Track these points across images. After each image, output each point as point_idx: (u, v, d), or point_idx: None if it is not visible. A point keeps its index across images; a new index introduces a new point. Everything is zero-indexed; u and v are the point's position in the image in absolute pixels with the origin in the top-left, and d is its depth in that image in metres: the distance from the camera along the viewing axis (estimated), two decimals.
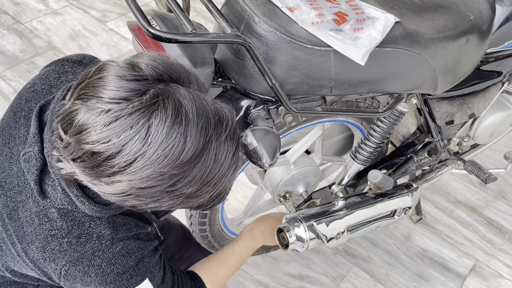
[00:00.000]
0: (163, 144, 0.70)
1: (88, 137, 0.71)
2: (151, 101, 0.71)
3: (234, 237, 1.54)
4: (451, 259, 1.82)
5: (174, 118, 0.71)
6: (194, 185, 0.76)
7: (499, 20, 1.28)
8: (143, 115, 0.70)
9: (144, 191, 0.75)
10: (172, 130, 0.71)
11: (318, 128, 1.40)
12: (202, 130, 0.73)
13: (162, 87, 0.73)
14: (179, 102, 0.72)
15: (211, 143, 0.75)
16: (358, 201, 1.32)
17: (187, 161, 0.73)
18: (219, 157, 0.77)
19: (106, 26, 2.74)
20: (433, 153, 1.59)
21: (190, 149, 0.72)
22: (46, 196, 0.86)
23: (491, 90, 1.47)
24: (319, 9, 1.00)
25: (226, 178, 0.80)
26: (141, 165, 0.71)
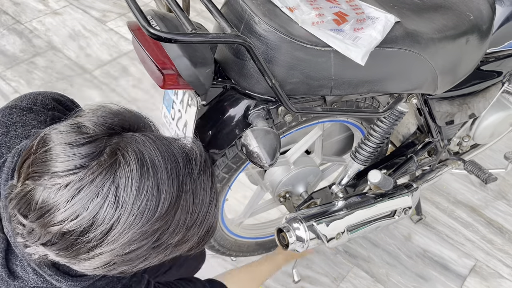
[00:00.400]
0: (137, 202, 0.65)
1: (53, 218, 0.64)
2: (111, 160, 0.65)
3: (234, 237, 1.54)
4: (451, 259, 1.82)
5: (140, 171, 0.65)
6: (180, 232, 0.71)
7: (499, 20, 1.28)
8: (106, 177, 0.64)
9: (129, 255, 0.69)
10: (141, 184, 0.65)
11: (318, 128, 1.40)
12: (173, 174, 0.68)
13: (117, 140, 0.67)
14: (140, 151, 0.66)
15: (185, 183, 0.69)
16: (358, 201, 1.32)
17: (166, 211, 0.67)
18: (197, 195, 0.72)
19: (106, 26, 2.74)
20: (433, 153, 1.59)
21: (166, 197, 0.67)
22: (16, 277, 0.77)
23: (491, 90, 1.47)
24: (319, 9, 1.00)
25: (209, 214, 0.75)
26: (120, 231, 0.65)
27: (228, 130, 1.10)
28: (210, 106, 1.12)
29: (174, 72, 0.93)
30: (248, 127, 1.07)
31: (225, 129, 1.11)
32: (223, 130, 1.11)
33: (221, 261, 1.75)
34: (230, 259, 1.76)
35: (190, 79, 0.93)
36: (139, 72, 2.47)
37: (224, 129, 1.11)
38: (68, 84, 2.38)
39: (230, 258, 1.75)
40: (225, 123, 1.10)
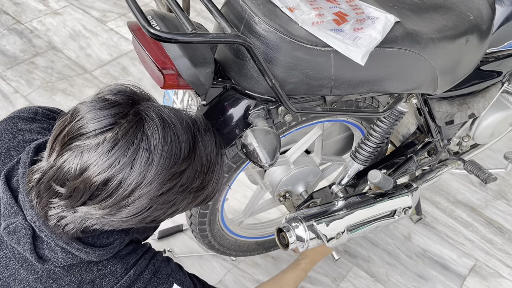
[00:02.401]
0: (164, 148, 0.76)
1: (96, 169, 0.74)
2: (137, 118, 0.77)
3: (234, 236, 1.54)
4: (451, 259, 1.82)
5: (163, 124, 0.78)
6: (199, 177, 0.83)
7: (499, 20, 1.28)
8: (137, 130, 0.75)
9: (162, 198, 0.79)
10: (165, 134, 0.77)
11: (318, 128, 1.41)
12: (187, 128, 0.81)
13: (137, 106, 0.79)
14: (159, 111, 0.79)
15: (196, 136, 0.83)
16: (358, 201, 1.32)
17: (188, 156, 0.80)
18: (207, 146, 0.85)
19: (106, 26, 2.74)
20: (433, 153, 1.59)
21: (186, 145, 0.80)
22: (46, 260, 0.84)
23: (491, 90, 1.47)
24: (319, 9, 1.00)
25: (218, 164, 0.88)
26: (155, 172, 0.76)
27: (228, 130, 1.11)
28: (210, 106, 1.12)
29: (174, 72, 0.93)
30: (248, 127, 1.08)
31: (225, 129, 1.11)
32: (223, 130, 1.11)
33: (222, 261, 1.75)
34: (230, 259, 1.76)
35: (190, 79, 0.93)
36: (139, 72, 2.47)
37: (224, 129, 1.11)
38: (68, 84, 2.39)
39: (230, 258, 1.75)
40: (225, 123, 1.10)
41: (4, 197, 0.84)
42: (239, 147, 1.16)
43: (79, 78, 2.42)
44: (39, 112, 1.03)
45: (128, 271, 0.91)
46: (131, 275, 0.91)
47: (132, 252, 0.94)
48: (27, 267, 0.85)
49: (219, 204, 1.36)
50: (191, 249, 1.77)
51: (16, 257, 0.85)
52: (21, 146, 0.94)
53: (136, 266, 0.92)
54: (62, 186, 0.76)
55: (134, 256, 0.94)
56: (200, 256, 1.76)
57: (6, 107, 2.24)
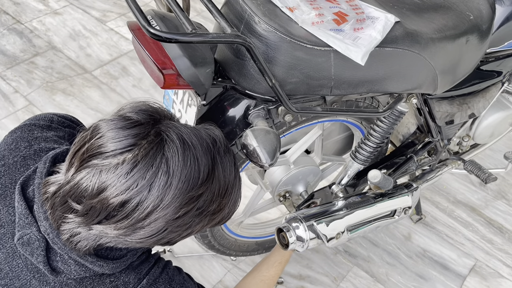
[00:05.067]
0: (184, 171, 0.76)
1: (114, 191, 0.73)
2: (157, 139, 0.75)
3: (234, 236, 1.54)
4: (451, 259, 1.82)
5: (183, 146, 0.77)
6: (216, 200, 0.82)
7: (499, 20, 1.28)
8: (157, 152, 0.74)
9: (179, 221, 0.79)
10: (185, 157, 0.76)
11: (318, 128, 1.40)
12: (207, 150, 0.80)
13: (158, 124, 0.78)
14: (180, 132, 0.78)
15: (215, 158, 0.81)
16: (358, 201, 1.32)
17: (206, 179, 0.79)
18: (225, 169, 0.83)
19: (106, 26, 2.74)
20: (433, 153, 1.59)
21: (204, 168, 0.78)
22: (59, 272, 0.84)
23: (491, 90, 1.47)
24: (319, 9, 1.00)
25: (235, 187, 0.87)
26: (172, 196, 0.75)
27: (228, 130, 1.11)
28: (210, 106, 1.12)
29: (174, 72, 0.93)
30: (248, 127, 1.08)
31: (225, 128, 1.11)
32: (223, 130, 1.11)
33: (222, 260, 1.75)
34: (230, 259, 1.76)
35: (190, 79, 0.93)
36: (139, 72, 2.47)
37: (224, 128, 1.11)
38: (68, 84, 2.39)
39: (230, 257, 1.75)
40: (225, 123, 1.10)
41: (19, 207, 0.84)
42: (239, 147, 1.16)
43: (79, 78, 2.42)
44: (54, 120, 1.02)
45: (141, 281, 0.90)
46: (144, 284, 0.90)
47: (144, 262, 0.93)
48: (39, 278, 0.85)
49: None
50: (191, 249, 1.77)
51: (29, 268, 0.85)
52: (37, 155, 0.93)
53: (149, 275, 0.92)
54: (78, 203, 0.76)
55: (147, 265, 0.93)
56: (200, 256, 1.76)
57: (6, 107, 2.24)
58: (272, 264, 1.25)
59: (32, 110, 2.24)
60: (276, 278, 1.26)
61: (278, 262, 1.26)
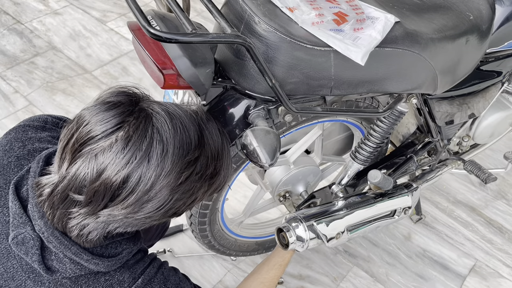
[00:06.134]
0: (176, 137, 0.78)
1: (114, 168, 0.74)
2: (143, 113, 0.77)
3: (234, 236, 1.54)
4: (451, 259, 1.82)
5: (169, 116, 0.79)
6: (211, 163, 0.85)
7: (499, 20, 1.29)
8: (147, 124, 0.76)
9: (182, 187, 0.80)
10: (174, 125, 0.78)
11: (318, 128, 1.41)
12: (191, 118, 0.83)
13: (140, 103, 0.81)
14: (162, 106, 0.81)
15: (201, 125, 0.84)
16: (358, 201, 1.32)
17: (198, 144, 0.81)
18: (212, 134, 0.86)
19: (106, 26, 2.74)
20: (433, 153, 1.59)
21: (194, 134, 0.81)
22: (54, 271, 0.84)
23: (491, 90, 1.47)
24: (319, 9, 1.00)
25: (225, 150, 0.90)
26: (171, 162, 0.77)
27: (228, 130, 1.11)
28: (210, 106, 1.12)
29: (174, 72, 0.93)
30: (248, 127, 1.08)
31: (225, 129, 1.11)
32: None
33: (222, 260, 1.75)
34: (230, 259, 1.76)
35: (190, 79, 0.93)
36: (139, 72, 2.47)
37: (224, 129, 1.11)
38: (68, 84, 2.39)
39: (230, 257, 1.75)
40: (225, 123, 1.10)
41: (13, 206, 0.84)
42: (239, 147, 1.16)
43: (79, 78, 2.42)
44: (49, 121, 1.03)
45: (136, 280, 0.90)
46: (139, 284, 0.90)
47: (139, 261, 0.93)
48: (34, 278, 0.84)
49: (219, 204, 1.36)
50: (191, 249, 1.77)
51: (24, 268, 0.84)
52: (31, 155, 0.93)
53: (144, 275, 0.92)
54: (80, 194, 0.76)
55: (142, 264, 0.93)
56: (200, 256, 1.76)
57: (6, 107, 2.24)
58: (273, 266, 1.25)
59: (32, 110, 2.24)
60: (276, 280, 1.26)
61: (278, 264, 1.26)
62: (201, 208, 1.30)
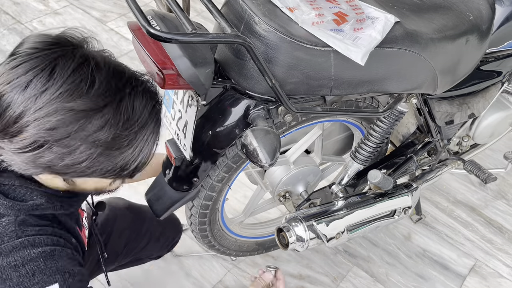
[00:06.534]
0: (70, 79, 0.73)
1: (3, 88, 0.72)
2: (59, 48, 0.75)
3: (234, 236, 1.54)
4: (451, 258, 1.83)
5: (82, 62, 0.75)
6: (111, 130, 0.76)
7: (499, 20, 1.29)
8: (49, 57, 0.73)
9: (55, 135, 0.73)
10: (79, 70, 0.74)
11: (318, 128, 1.41)
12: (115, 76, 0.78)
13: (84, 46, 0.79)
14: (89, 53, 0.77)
15: (125, 90, 0.78)
16: (358, 201, 1.32)
17: (97, 98, 0.75)
18: (137, 106, 0.79)
19: (107, 26, 2.74)
20: (433, 153, 1.59)
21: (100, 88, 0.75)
22: None
23: (491, 90, 1.47)
24: (319, 9, 1.00)
25: (147, 129, 0.81)
26: (46, 100, 0.72)
27: (228, 130, 1.11)
28: (210, 106, 1.12)
29: (175, 72, 0.93)
30: (248, 127, 1.08)
31: (225, 129, 1.11)
32: (223, 130, 1.11)
33: (222, 260, 1.75)
34: (230, 259, 1.76)
35: (190, 79, 0.93)
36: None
37: (224, 129, 1.11)
38: None
39: (230, 257, 1.75)
40: (225, 123, 1.10)
41: None
42: (239, 147, 1.16)
43: None
44: None
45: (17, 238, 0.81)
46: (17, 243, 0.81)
47: (37, 226, 0.84)
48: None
49: (219, 204, 1.36)
50: (191, 249, 1.77)
51: None
52: None
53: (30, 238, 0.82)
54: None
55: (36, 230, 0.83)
56: (200, 256, 1.76)
57: None
58: None
59: None
60: None
61: None
62: (201, 208, 1.30)
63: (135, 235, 1.42)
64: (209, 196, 1.27)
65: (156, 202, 1.28)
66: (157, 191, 1.28)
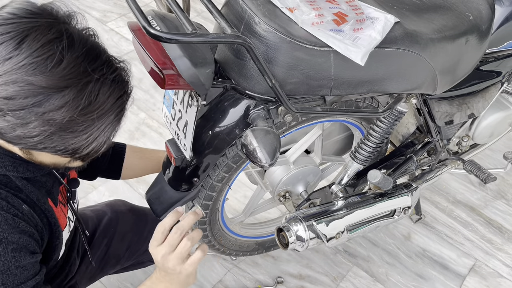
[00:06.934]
0: (36, 53, 0.72)
1: None
2: (37, 19, 0.74)
3: (234, 236, 1.54)
4: (451, 258, 1.83)
5: (55, 37, 0.74)
6: (68, 112, 0.76)
7: (498, 20, 1.29)
8: (23, 26, 0.73)
9: (10, 104, 0.73)
10: (49, 45, 0.73)
11: (318, 128, 1.41)
12: (86, 58, 0.76)
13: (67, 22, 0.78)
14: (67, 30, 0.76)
15: (93, 75, 0.77)
16: (357, 201, 1.33)
17: (60, 78, 0.74)
18: (102, 93, 0.79)
19: (107, 26, 2.74)
20: (432, 153, 1.59)
21: (66, 68, 0.74)
22: None
23: (491, 90, 1.47)
24: (319, 10, 1.00)
25: (106, 119, 0.81)
26: (8, 68, 0.72)
27: (228, 130, 1.11)
28: (211, 106, 1.12)
29: (175, 72, 0.93)
30: (248, 127, 1.08)
31: (225, 129, 1.11)
32: (223, 130, 1.11)
33: (222, 260, 1.75)
34: (230, 259, 1.76)
35: (190, 79, 0.93)
36: (140, 72, 2.47)
37: (224, 129, 1.11)
38: None
39: (230, 257, 1.76)
40: (225, 123, 1.10)
41: None
42: (239, 147, 1.16)
43: None
44: None
45: None
46: None
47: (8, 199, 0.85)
48: None
49: (219, 204, 1.36)
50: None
51: None
52: None
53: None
54: None
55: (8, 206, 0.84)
56: None
57: None
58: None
59: None
60: None
61: None
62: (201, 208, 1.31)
63: (137, 238, 1.42)
64: (209, 196, 1.28)
65: (156, 202, 1.28)
66: (157, 190, 1.28)
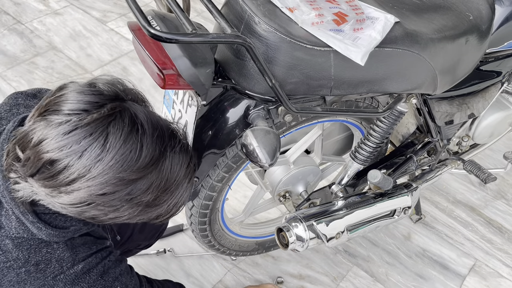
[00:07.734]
0: (121, 150, 0.76)
1: (48, 146, 0.75)
2: (109, 113, 0.77)
3: (234, 236, 1.54)
4: (451, 258, 1.83)
5: (131, 128, 0.78)
6: (153, 192, 0.82)
7: (498, 20, 1.29)
8: (102, 124, 0.76)
9: (103, 198, 0.79)
10: (128, 138, 0.77)
11: (318, 128, 1.41)
12: (158, 140, 0.81)
13: (119, 102, 0.80)
14: (135, 114, 0.79)
15: (166, 152, 0.82)
16: (358, 201, 1.33)
17: (144, 167, 0.79)
18: (175, 166, 0.84)
19: (107, 26, 2.74)
20: (432, 153, 1.59)
21: (147, 156, 0.79)
22: (0, 227, 0.85)
23: (491, 90, 1.47)
24: (319, 10, 1.00)
25: (182, 188, 0.87)
26: (100, 170, 0.76)
27: (228, 130, 1.11)
28: (211, 106, 1.12)
29: (175, 72, 0.93)
30: (248, 127, 1.08)
31: (225, 129, 1.11)
32: (223, 130, 1.11)
33: (222, 260, 1.75)
34: (230, 259, 1.76)
35: (190, 79, 0.93)
36: (140, 72, 2.47)
37: (224, 129, 1.11)
38: None
39: (230, 257, 1.76)
40: (225, 123, 1.10)
41: None
42: (239, 147, 1.16)
43: (80, 78, 2.42)
44: (42, 91, 1.05)
45: (75, 265, 0.90)
46: (78, 270, 0.90)
47: (85, 245, 0.93)
48: None
49: (219, 204, 1.36)
50: (191, 249, 1.78)
51: None
52: (14, 117, 0.95)
53: (85, 262, 0.91)
54: (22, 152, 0.78)
55: (87, 250, 0.92)
56: (200, 255, 1.76)
57: None
58: None
59: None
60: None
61: None
62: (201, 208, 1.31)
63: (116, 227, 1.42)
64: (209, 196, 1.28)
65: None
66: None
